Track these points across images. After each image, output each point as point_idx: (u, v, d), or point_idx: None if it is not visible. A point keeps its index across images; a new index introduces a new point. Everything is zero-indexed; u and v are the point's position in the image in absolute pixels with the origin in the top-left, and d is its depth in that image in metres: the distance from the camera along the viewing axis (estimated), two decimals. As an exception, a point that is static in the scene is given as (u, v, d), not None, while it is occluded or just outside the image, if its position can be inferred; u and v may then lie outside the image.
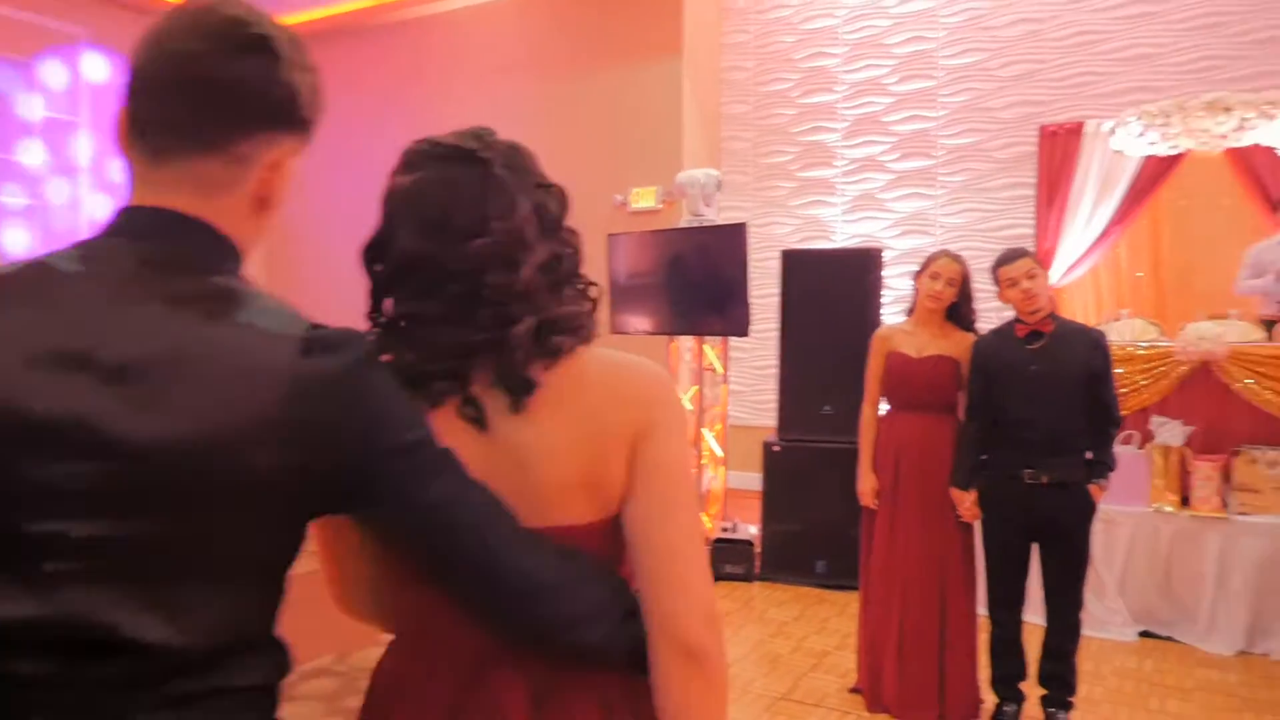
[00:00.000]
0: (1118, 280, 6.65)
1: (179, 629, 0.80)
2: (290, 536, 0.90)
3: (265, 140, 0.93)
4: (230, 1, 0.91)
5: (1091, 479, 3.23)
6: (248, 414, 0.82)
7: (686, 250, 5.57)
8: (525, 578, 0.94)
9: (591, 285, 1.15)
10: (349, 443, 0.87)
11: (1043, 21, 6.85)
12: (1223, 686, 3.76)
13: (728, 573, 5.30)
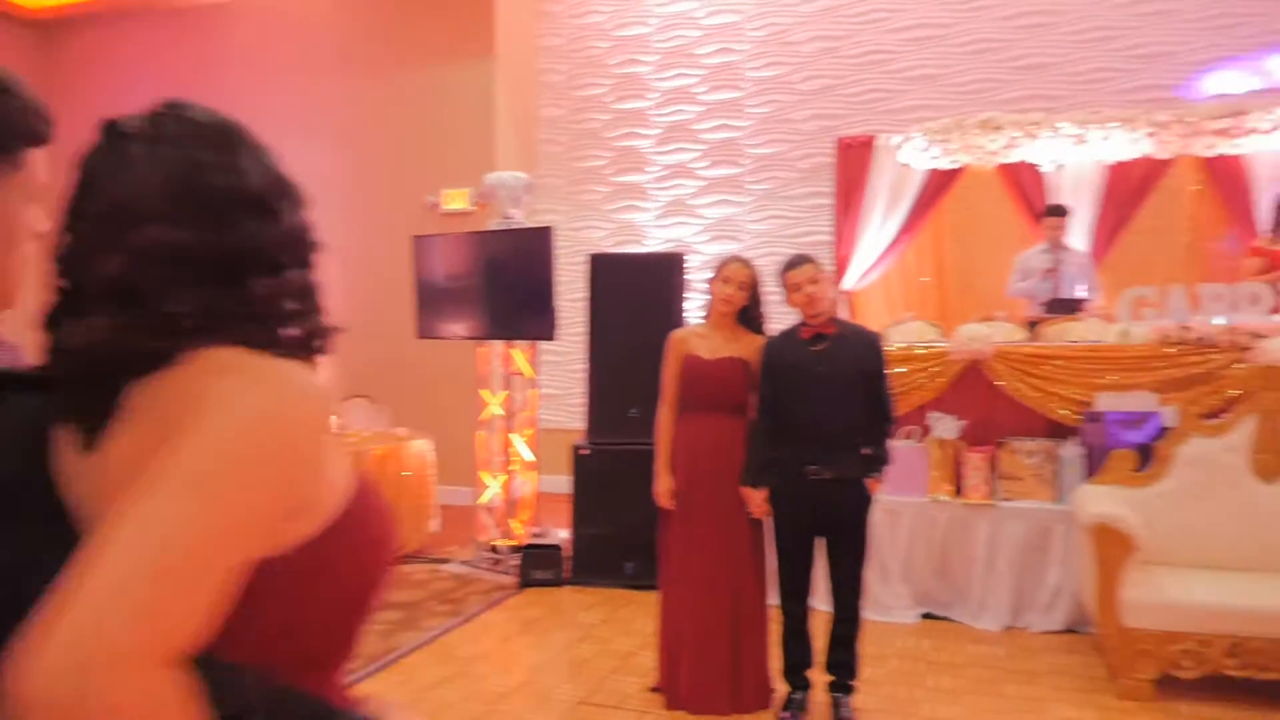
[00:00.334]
0: (906, 285, 7.10)
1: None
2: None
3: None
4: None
5: (869, 474, 3.41)
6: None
7: (494, 253, 5.51)
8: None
9: (298, 288, 0.95)
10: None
11: (839, 39, 7.23)
12: (990, 660, 4.06)
13: (537, 579, 5.26)
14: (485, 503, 5.85)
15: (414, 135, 7.75)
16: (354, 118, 7.98)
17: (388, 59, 7.85)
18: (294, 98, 8.16)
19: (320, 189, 5.73)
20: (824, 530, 3.43)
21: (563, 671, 4.02)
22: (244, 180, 0.90)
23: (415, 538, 6.13)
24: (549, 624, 4.66)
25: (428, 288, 5.77)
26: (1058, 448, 4.52)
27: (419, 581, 5.43)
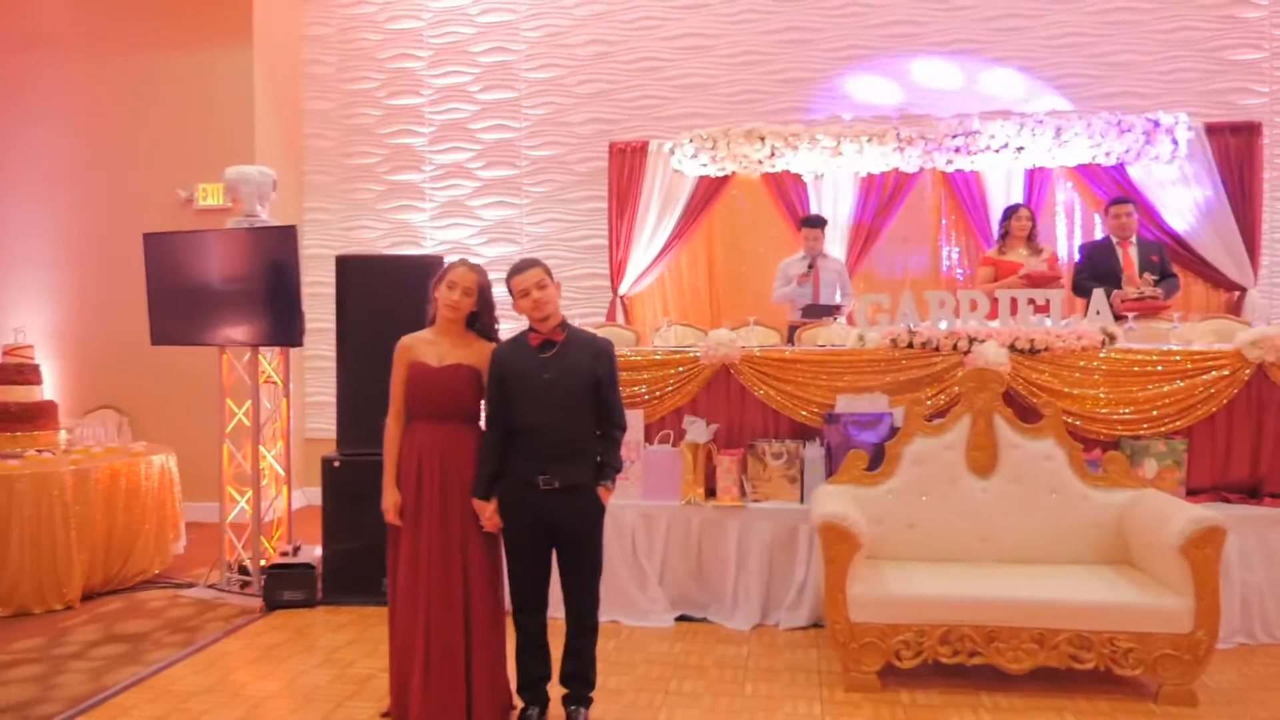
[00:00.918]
0: (680, 289, 7.22)
1: None
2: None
3: None
4: None
5: (600, 481, 3.37)
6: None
7: (235, 253, 5.12)
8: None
9: None
10: None
11: (613, 44, 7.25)
12: (735, 660, 4.13)
13: (285, 600, 4.93)
14: (232, 520, 5.43)
15: (166, 123, 7.15)
16: (98, 101, 7.27)
17: (139, 38, 7.19)
18: (27, 73, 7.33)
19: (57, 178, 5.24)
20: (556, 540, 3.35)
21: (292, 701, 3.75)
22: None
23: (160, 560, 5.64)
24: (288, 649, 4.35)
25: (163, 290, 5.29)
26: (802, 449, 4.67)
27: (154, 610, 4.97)
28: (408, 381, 3.41)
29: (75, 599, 5.02)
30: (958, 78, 6.97)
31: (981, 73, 6.95)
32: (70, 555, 5.00)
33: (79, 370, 7.31)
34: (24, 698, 3.78)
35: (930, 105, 6.91)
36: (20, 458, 5.19)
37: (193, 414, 6.51)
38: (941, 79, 6.99)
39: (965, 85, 6.96)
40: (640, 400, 4.83)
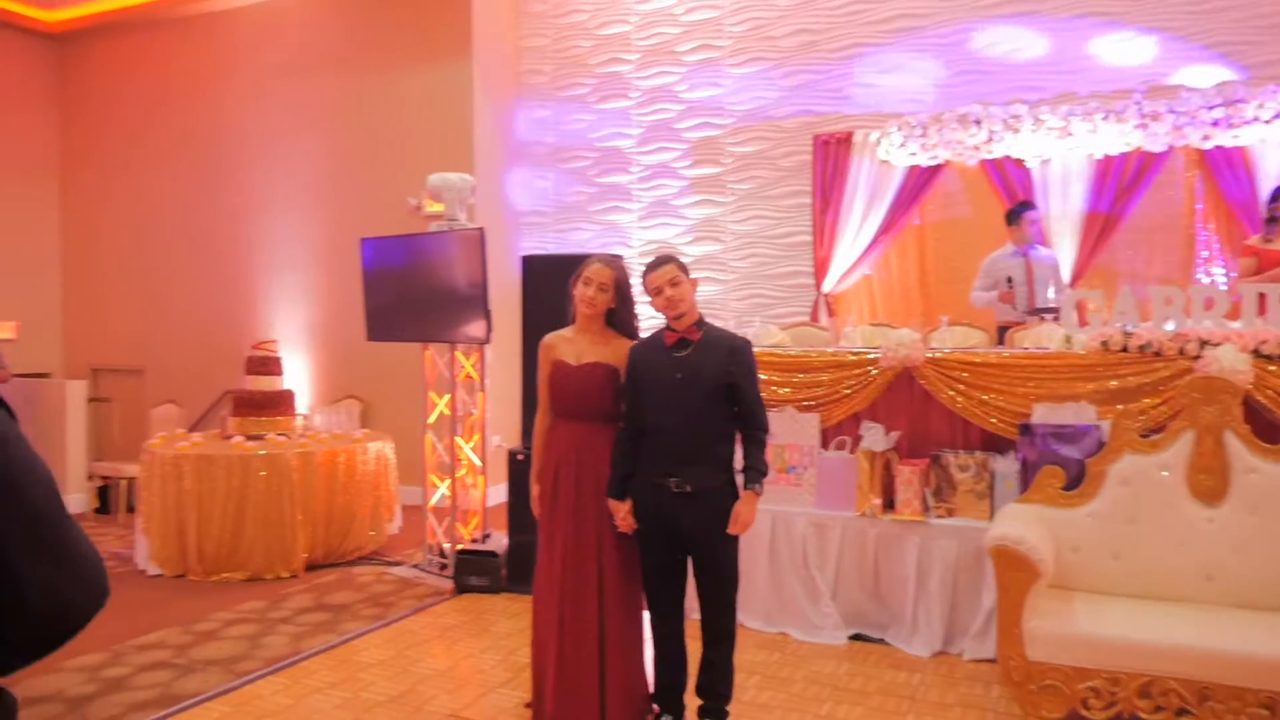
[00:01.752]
0: (888, 287, 6.80)
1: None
2: None
3: None
4: None
5: (746, 486, 3.21)
6: None
7: (432, 256, 5.44)
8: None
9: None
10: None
11: (819, 33, 6.97)
12: (903, 689, 3.81)
13: (472, 584, 5.18)
14: (433, 506, 5.78)
15: (400, 136, 7.77)
16: (342, 119, 8.04)
17: (371, 62, 7.88)
18: (285, 99, 8.27)
19: (310, 189, 5.81)
20: (687, 545, 3.24)
21: (451, 682, 3.91)
22: None
23: (375, 539, 6.12)
24: (463, 632, 4.56)
25: (375, 291, 5.73)
26: (992, 462, 4.23)
27: (361, 584, 5.40)
28: (549, 380, 3.43)
29: (299, 569, 5.56)
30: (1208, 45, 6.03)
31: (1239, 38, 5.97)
32: (295, 530, 5.53)
33: (326, 363, 8.11)
34: (233, 654, 4.22)
35: (1180, 77, 6.04)
36: (261, 439, 5.83)
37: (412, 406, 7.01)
38: (1191, 45, 6.08)
39: (1216, 55, 6.01)
40: (815, 404, 4.59)
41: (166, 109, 8.90)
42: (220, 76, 8.59)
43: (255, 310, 8.49)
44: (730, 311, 7.29)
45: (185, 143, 8.82)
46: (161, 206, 8.94)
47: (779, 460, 4.59)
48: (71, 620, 1.06)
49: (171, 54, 8.85)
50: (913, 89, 6.76)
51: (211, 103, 8.66)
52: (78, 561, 1.07)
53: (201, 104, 8.70)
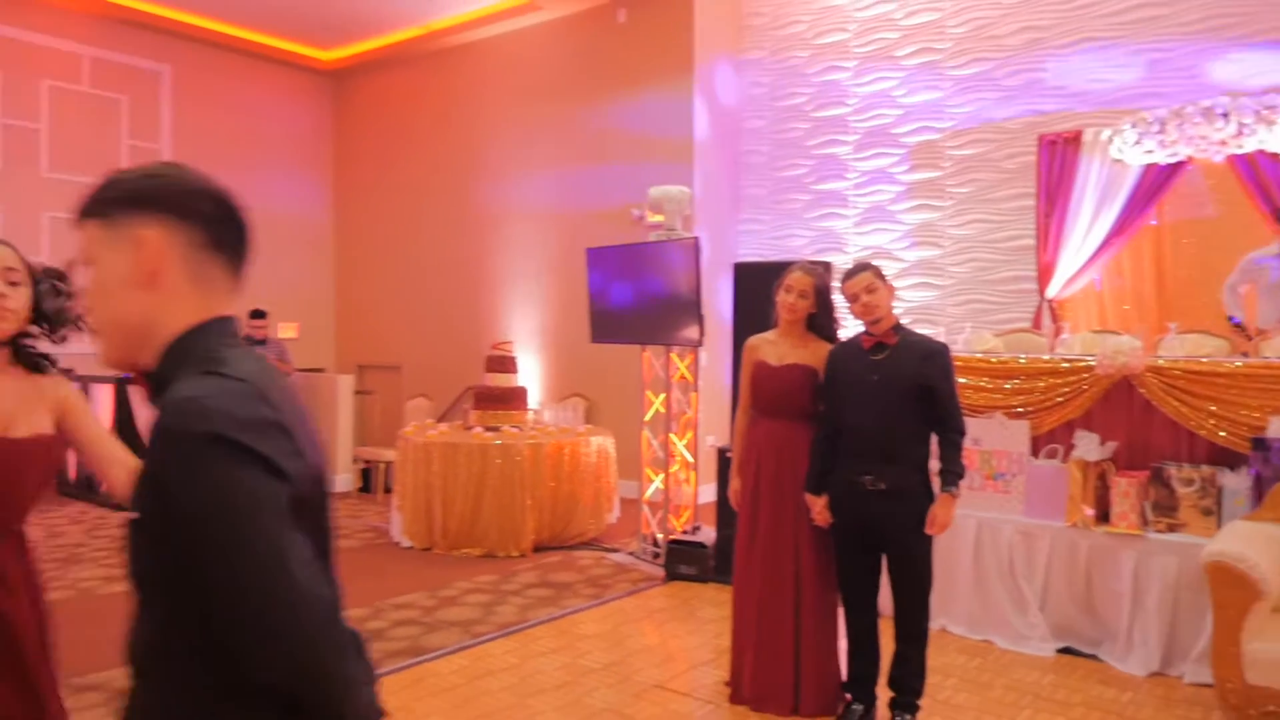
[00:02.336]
0: (1120, 292, 6.46)
1: None
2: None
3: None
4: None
5: (943, 488, 3.30)
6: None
7: (650, 264, 5.82)
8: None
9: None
10: None
11: (1047, 29, 6.74)
12: (1111, 705, 3.71)
13: (682, 573, 5.50)
14: (648, 498, 6.16)
15: (625, 151, 8.28)
16: (570, 137, 8.68)
17: (598, 84, 8.45)
18: (521, 121, 9.03)
19: (542, 203, 6.59)
20: (880, 543, 3.36)
21: (658, 656, 4.23)
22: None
23: (595, 526, 6.60)
24: (671, 614, 4.88)
25: (599, 296, 6.20)
26: (1220, 476, 4.00)
27: (581, 567, 5.86)
28: (751, 379, 3.67)
29: (528, 549, 6.11)
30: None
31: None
32: (525, 514, 6.09)
33: (555, 363, 8.76)
34: (470, 617, 4.77)
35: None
36: (497, 430, 6.46)
37: (631, 404, 7.45)
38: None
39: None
40: (1026, 410, 4.52)
41: (421, 133, 9.96)
42: (467, 102, 9.51)
43: (494, 314, 9.31)
44: (948, 317, 7.19)
45: (437, 164, 9.82)
46: (416, 223, 10.00)
47: (986, 466, 4.56)
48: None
49: (426, 84, 9.89)
50: (1149, 83, 6.39)
51: (459, 126, 9.59)
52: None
53: (451, 127, 9.67)
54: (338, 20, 9.37)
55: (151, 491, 1.01)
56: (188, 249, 1.13)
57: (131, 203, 1.12)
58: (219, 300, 1.16)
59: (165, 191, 1.13)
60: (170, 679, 1.06)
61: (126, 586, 1.12)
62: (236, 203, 1.18)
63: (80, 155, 9.01)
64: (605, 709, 3.59)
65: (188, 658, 1.03)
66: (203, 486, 0.96)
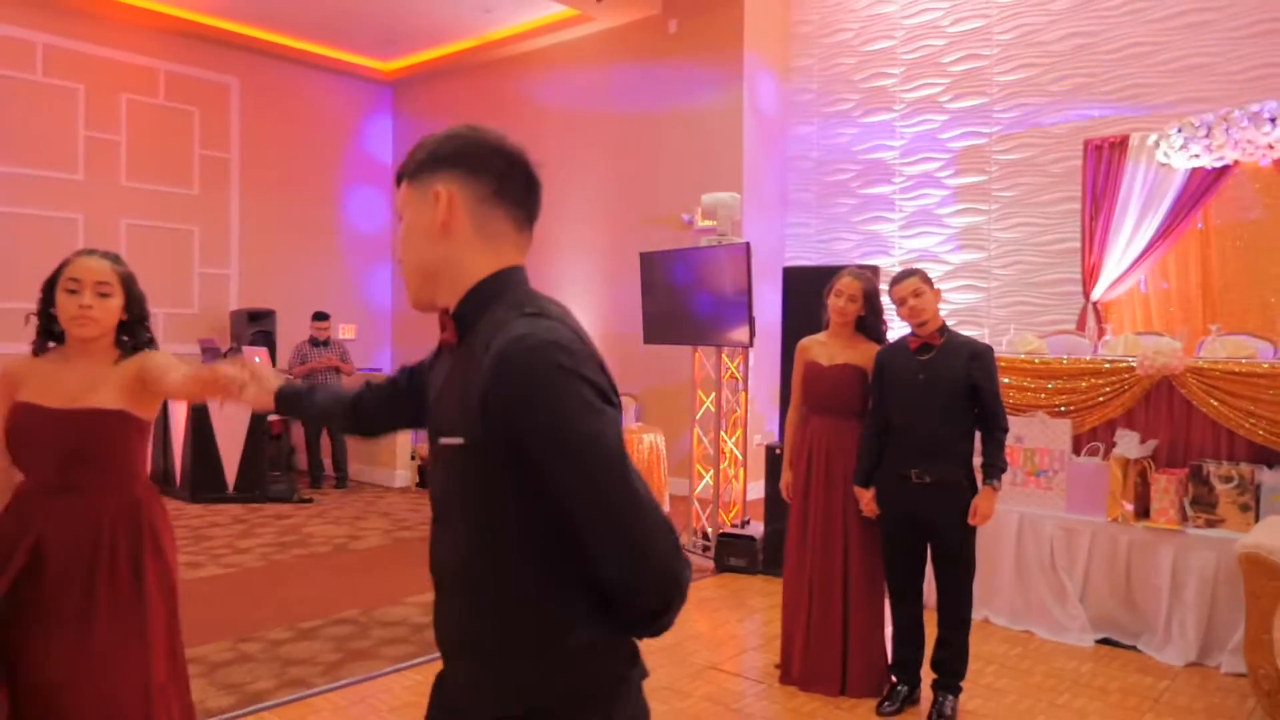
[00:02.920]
0: (1166, 295, 6.54)
1: None
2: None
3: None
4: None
5: (985, 481, 3.48)
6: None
7: (702, 267, 6.05)
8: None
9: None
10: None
11: (1095, 35, 6.84)
12: (1148, 691, 3.87)
13: (731, 564, 5.72)
14: (698, 494, 6.39)
15: (674, 158, 8.52)
16: (622, 143, 8.95)
17: (649, 91, 8.71)
18: (574, 128, 9.32)
19: (595, 208, 6.99)
20: (927, 534, 3.56)
21: (710, 641, 4.46)
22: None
23: (646, 522, 6.84)
24: (722, 603, 5.11)
25: (653, 297, 6.44)
26: (1259, 474, 4.13)
27: (635, 559, 6.11)
28: (803, 378, 3.89)
29: (583, 541, 6.37)
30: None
31: None
32: (581, 506, 6.35)
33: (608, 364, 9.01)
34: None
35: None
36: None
37: (681, 403, 7.68)
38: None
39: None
40: (1068, 410, 4.67)
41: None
42: (521, 110, 9.82)
43: (547, 315, 9.60)
44: (993, 319, 7.31)
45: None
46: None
47: (1029, 464, 4.72)
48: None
49: (482, 93, 10.22)
50: (1195, 87, 6.46)
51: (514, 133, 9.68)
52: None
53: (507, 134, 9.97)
54: (398, 32, 9.73)
55: (499, 420, 1.12)
56: (475, 202, 1.26)
57: (431, 162, 1.28)
58: (508, 251, 1.29)
59: (459, 150, 1.28)
60: (495, 593, 1.20)
61: (435, 509, 1.30)
62: (529, 160, 1.30)
63: (155, 165, 9.49)
64: (663, 686, 3.83)
65: (518, 571, 1.18)
66: (560, 414, 1.10)
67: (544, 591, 1.18)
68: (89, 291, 2.19)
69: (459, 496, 1.24)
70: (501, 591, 1.19)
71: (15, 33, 8.59)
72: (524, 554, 1.17)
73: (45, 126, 8.79)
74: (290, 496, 7.78)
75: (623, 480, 1.12)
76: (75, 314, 2.19)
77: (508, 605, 1.19)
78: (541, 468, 1.12)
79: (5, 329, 8.53)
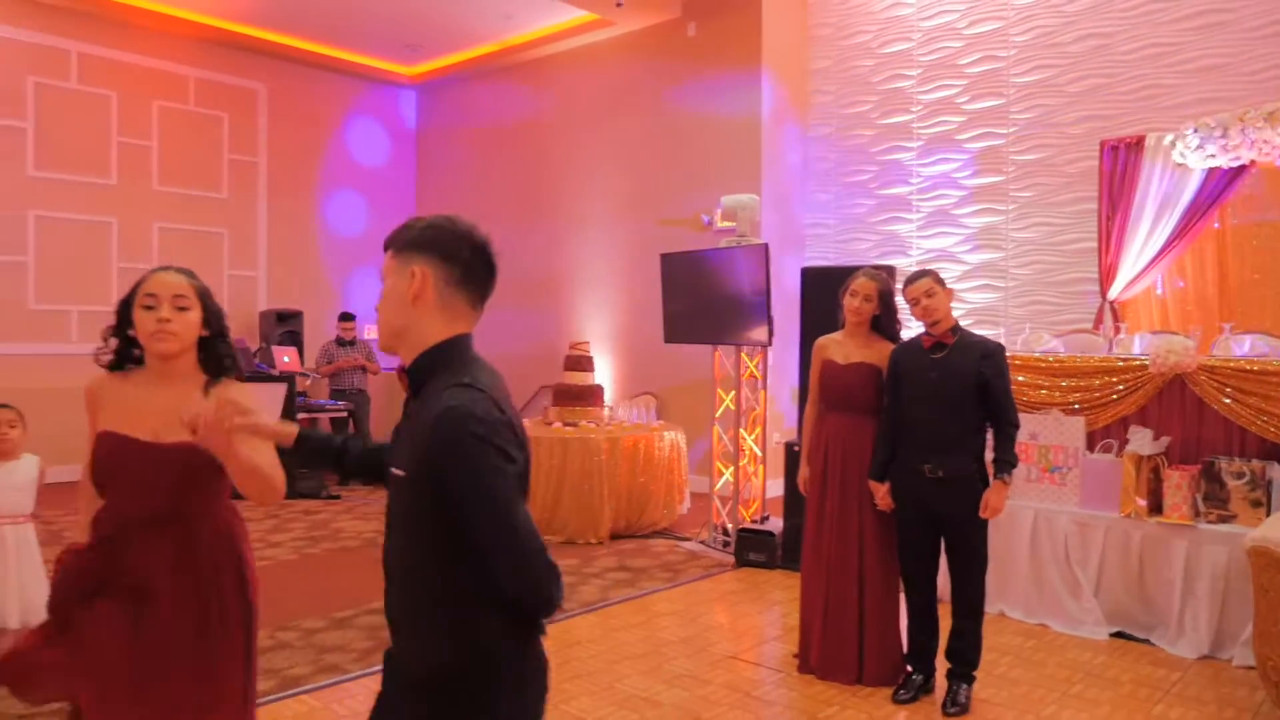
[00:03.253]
0: (1182, 294, 6.59)
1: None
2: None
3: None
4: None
5: (996, 475, 3.58)
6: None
7: (721, 268, 6.16)
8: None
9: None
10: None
11: (1111, 36, 6.90)
12: (1159, 682, 3.95)
13: (751, 559, 5.83)
14: (718, 490, 6.50)
15: (692, 159, 8.64)
16: (641, 146, 9.08)
17: (668, 94, 8.83)
18: (594, 130, 9.47)
19: (614, 210, 7.17)
20: (940, 527, 3.66)
21: (731, 633, 4.58)
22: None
23: (667, 516, 6.97)
24: (742, 597, 5.22)
25: (673, 298, 6.56)
26: (1271, 470, 4.20)
27: (656, 554, 6.23)
28: (820, 376, 4.00)
29: (605, 537, 6.50)
30: None
31: None
32: (603, 503, 6.49)
33: (625, 363, 9.16)
34: (556, 596, 5.17)
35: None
36: (575, 426, 6.86)
37: (700, 402, 7.80)
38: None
39: None
40: (1082, 407, 4.75)
41: (499, 143, 10.46)
42: (543, 113, 9.98)
43: (568, 316, 9.75)
44: (1010, 318, 7.38)
45: (514, 172, 10.31)
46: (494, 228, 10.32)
47: (1043, 460, 4.81)
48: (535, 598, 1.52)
49: (504, 97, 10.38)
50: (1211, 88, 6.51)
51: (535, 136, 10.06)
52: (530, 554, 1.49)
53: (527, 137, 10.14)
54: (421, 37, 9.90)
55: (429, 466, 1.49)
56: (443, 284, 1.61)
57: (414, 245, 1.63)
58: (461, 323, 1.65)
59: (436, 239, 1.63)
60: (421, 586, 1.57)
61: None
62: (490, 249, 1.67)
63: (186, 169, 9.71)
64: (684, 674, 3.95)
65: (436, 572, 1.54)
66: (470, 469, 1.47)
67: (453, 588, 1.53)
68: (166, 306, 2.10)
69: (400, 514, 1.60)
70: (425, 586, 1.55)
71: (51, 41, 8.83)
72: (439, 560, 1.53)
73: (80, 133, 9.02)
74: (319, 493, 7.96)
75: (510, 518, 1.47)
76: (154, 329, 2.10)
77: (429, 596, 1.55)
78: (456, 503, 1.48)
79: (47, 329, 8.81)
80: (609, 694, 3.74)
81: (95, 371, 2.24)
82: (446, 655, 1.54)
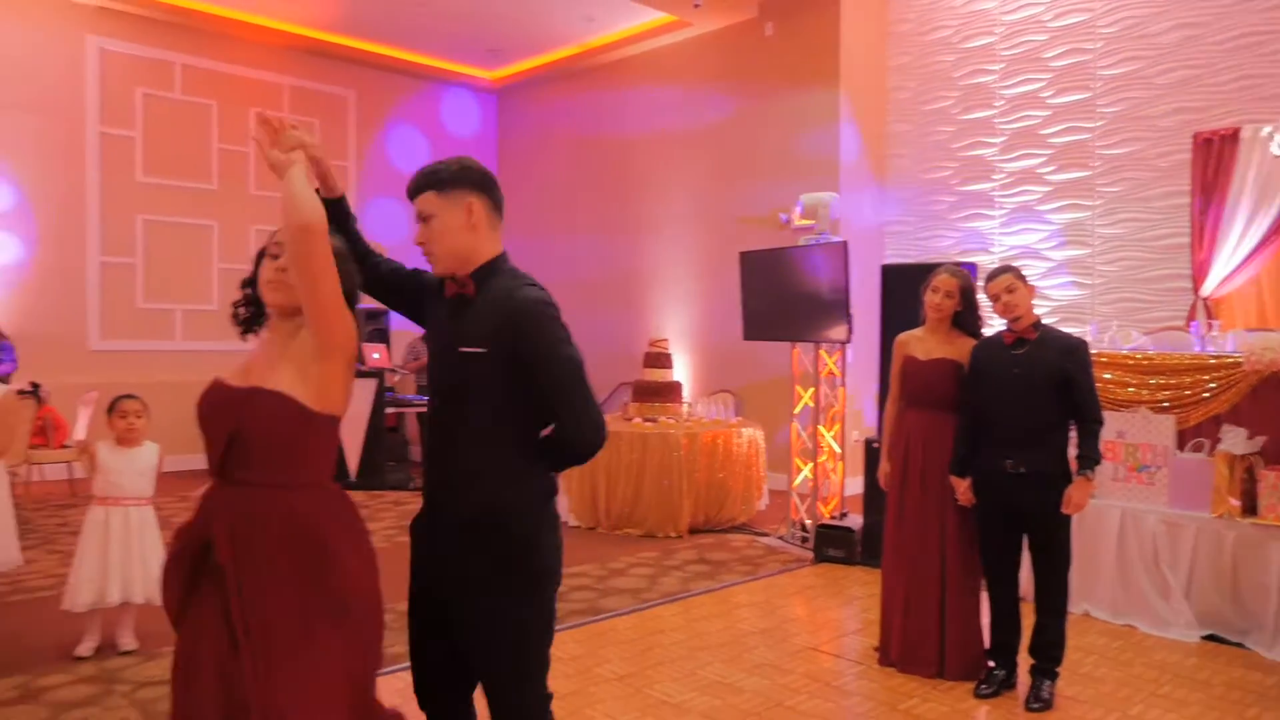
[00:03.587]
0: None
1: None
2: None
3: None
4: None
5: (1080, 471, 3.57)
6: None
7: (801, 266, 6.20)
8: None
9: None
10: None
11: (1203, 26, 6.72)
12: (1253, 685, 3.87)
13: (830, 555, 5.87)
14: (796, 486, 6.55)
15: (771, 157, 8.67)
16: (719, 145, 9.15)
17: (746, 92, 8.89)
18: (672, 130, 9.58)
19: (693, 208, 7.34)
20: (1022, 522, 3.66)
21: (809, 625, 4.64)
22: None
23: (745, 511, 7.04)
24: (820, 591, 5.27)
25: (753, 295, 6.63)
26: (1373, 471, 4.07)
27: (734, 548, 6.31)
28: (901, 372, 4.03)
29: (684, 531, 6.61)
30: None
31: None
32: (682, 498, 6.59)
33: (703, 360, 9.25)
34: (637, 586, 5.29)
35: None
36: (655, 422, 6.98)
37: (778, 399, 7.83)
38: None
39: None
40: (1171, 405, 4.67)
41: (579, 144, 10.65)
42: (622, 114, 10.12)
43: (646, 314, 9.88)
44: (1098, 315, 7.23)
45: (594, 172, 10.49)
46: (574, 228, 10.69)
47: (1131, 459, 4.74)
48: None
49: (584, 98, 10.57)
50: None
51: (615, 136, 10.22)
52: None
53: (607, 138, 10.31)
54: (504, 42, 10.15)
55: (514, 337, 1.95)
56: (487, 211, 2.07)
57: (457, 182, 2.03)
58: (499, 242, 2.11)
59: (474, 176, 2.06)
60: (493, 443, 2.02)
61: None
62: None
63: (281, 173, 10.12)
64: (765, 663, 4.03)
65: (510, 429, 2.02)
66: (549, 338, 1.97)
67: (506, 440, 2.01)
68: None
69: (478, 386, 1.99)
70: (497, 441, 2.01)
71: (157, 54, 9.32)
72: (499, 419, 2.00)
73: (184, 140, 9.50)
74: (407, 484, 8.24)
75: (581, 372, 1.99)
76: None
77: (499, 451, 2.01)
78: (540, 362, 1.96)
79: (154, 328, 9.30)
80: (691, 680, 3.85)
81: (201, 367, 2.45)
82: (509, 498, 1.99)
